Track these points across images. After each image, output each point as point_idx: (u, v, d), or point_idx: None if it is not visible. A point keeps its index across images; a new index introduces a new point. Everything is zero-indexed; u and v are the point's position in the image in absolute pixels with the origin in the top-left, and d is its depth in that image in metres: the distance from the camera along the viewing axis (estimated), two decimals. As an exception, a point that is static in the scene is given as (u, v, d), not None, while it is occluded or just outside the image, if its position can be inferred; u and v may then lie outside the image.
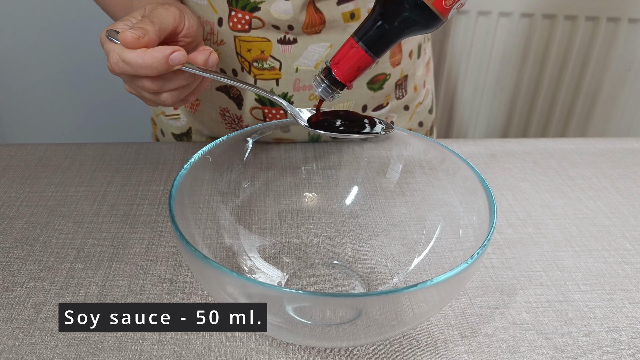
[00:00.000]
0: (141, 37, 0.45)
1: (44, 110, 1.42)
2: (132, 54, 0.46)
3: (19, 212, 0.58)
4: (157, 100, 0.51)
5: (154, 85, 0.49)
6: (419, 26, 0.44)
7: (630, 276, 0.53)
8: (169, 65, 0.46)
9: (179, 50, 0.46)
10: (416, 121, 0.79)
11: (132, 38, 0.45)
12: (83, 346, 0.44)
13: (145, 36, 0.46)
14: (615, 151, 0.74)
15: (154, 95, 0.50)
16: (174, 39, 0.51)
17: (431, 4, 0.42)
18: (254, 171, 0.55)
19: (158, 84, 0.49)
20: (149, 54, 0.45)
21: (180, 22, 0.50)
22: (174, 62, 0.46)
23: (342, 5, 0.61)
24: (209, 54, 0.50)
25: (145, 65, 0.46)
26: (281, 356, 0.44)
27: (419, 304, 0.38)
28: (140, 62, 0.45)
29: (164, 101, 0.51)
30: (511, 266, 0.54)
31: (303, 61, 0.64)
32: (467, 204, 0.47)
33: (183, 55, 0.46)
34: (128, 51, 0.46)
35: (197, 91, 0.54)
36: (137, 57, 0.45)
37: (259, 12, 0.61)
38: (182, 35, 0.51)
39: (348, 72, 0.46)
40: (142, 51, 0.46)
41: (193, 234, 0.44)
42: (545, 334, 0.47)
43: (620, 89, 1.44)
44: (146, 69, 0.46)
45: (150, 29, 0.46)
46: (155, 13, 0.48)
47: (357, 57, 0.45)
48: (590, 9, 1.31)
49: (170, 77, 0.49)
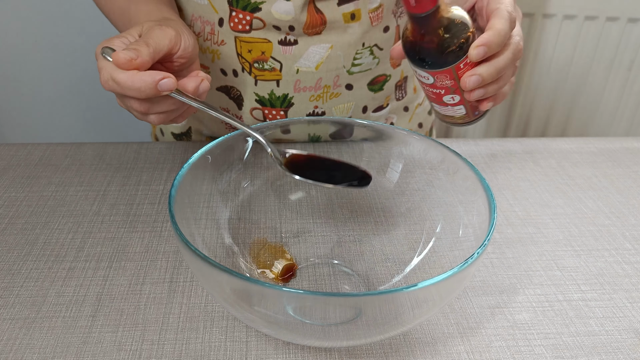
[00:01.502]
0: (134, 59, 0.46)
1: (44, 110, 1.42)
2: (123, 75, 0.46)
3: (18, 211, 0.58)
4: (144, 119, 0.51)
5: (141, 107, 0.49)
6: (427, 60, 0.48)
7: (630, 276, 0.53)
8: (158, 91, 0.46)
9: (168, 77, 0.46)
10: (416, 122, 0.79)
11: (124, 60, 0.45)
12: (83, 346, 0.44)
13: (138, 58, 0.46)
14: (615, 151, 0.74)
15: (142, 115, 0.51)
16: (169, 59, 0.51)
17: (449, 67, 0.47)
18: (254, 171, 0.55)
19: (145, 106, 0.49)
20: (138, 77, 0.45)
21: (176, 44, 0.50)
22: (163, 89, 0.46)
23: (343, 6, 0.61)
24: (200, 81, 0.50)
25: (134, 88, 0.46)
26: (281, 356, 0.44)
27: (418, 303, 0.38)
28: (129, 84, 0.46)
29: (151, 121, 0.51)
30: (511, 266, 0.54)
31: (304, 62, 0.64)
32: (467, 204, 0.47)
33: (172, 83, 0.47)
34: (119, 71, 0.46)
35: (186, 114, 0.54)
36: (127, 79, 0.46)
37: (259, 12, 0.61)
38: (177, 57, 0.51)
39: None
40: (133, 73, 0.46)
41: (193, 233, 0.44)
42: (545, 334, 0.47)
43: (620, 89, 1.44)
44: (134, 92, 0.46)
45: (144, 51, 0.46)
46: (152, 34, 0.48)
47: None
48: (590, 8, 1.31)
49: (159, 100, 0.49)
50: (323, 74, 0.65)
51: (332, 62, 0.65)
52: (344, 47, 0.64)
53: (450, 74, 0.48)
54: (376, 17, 0.64)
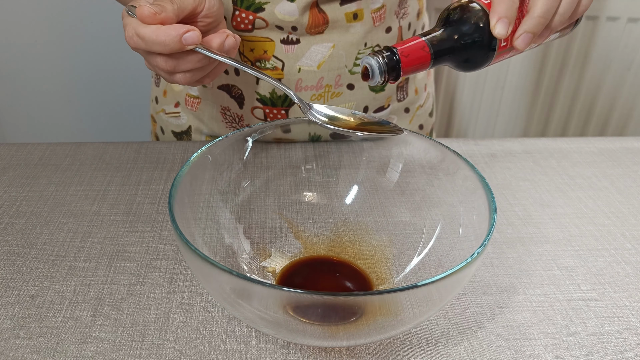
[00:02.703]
0: (158, 13, 0.45)
1: (43, 110, 1.42)
2: (147, 30, 0.46)
3: (18, 211, 0.58)
4: (171, 79, 0.51)
5: (167, 65, 0.48)
6: (470, 65, 0.47)
7: (630, 275, 0.53)
8: (182, 45, 0.46)
9: (193, 30, 0.46)
10: (416, 124, 0.79)
11: (148, 13, 0.45)
12: (83, 345, 0.44)
13: (162, 13, 0.45)
14: (615, 150, 0.74)
15: (168, 75, 0.50)
16: (193, 19, 0.51)
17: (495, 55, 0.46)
18: (254, 170, 0.55)
19: (172, 64, 0.48)
20: (163, 31, 0.45)
21: (201, 3, 0.50)
22: (187, 42, 0.46)
23: (346, 6, 0.61)
24: (226, 37, 0.49)
25: (158, 42, 0.45)
26: (281, 355, 0.44)
27: (418, 303, 0.38)
28: (153, 38, 0.45)
29: (178, 81, 0.51)
30: (511, 265, 0.54)
31: (306, 61, 0.64)
32: (467, 203, 0.47)
33: (197, 36, 0.46)
34: (144, 26, 0.46)
35: (213, 74, 0.53)
36: (152, 33, 0.45)
37: (263, 12, 0.61)
38: (202, 16, 0.51)
39: (409, 69, 0.45)
40: (157, 28, 0.45)
41: (193, 233, 0.44)
42: (545, 333, 0.47)
43: (620, 89, 1.44)
44: (159, 46, 0.46)
45: (168, 7, 0.46)
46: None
47: (422, 62, 0.45)
48: (590, 8, 1.31)
49: (184, 57, 0.48)
50: (325, 74, 0.65)
51: (334, 62, 0.65)
52: (346, 47, 0.64)
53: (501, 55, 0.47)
54: (378, 17, 0.64)
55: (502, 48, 0.46)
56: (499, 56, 0.47)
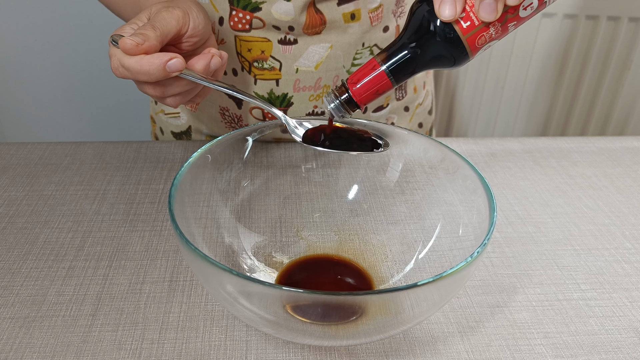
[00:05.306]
0: (140, 43, 0.45)
1: (43, 109, 1.42)
2: (131, 60, 0.46)
3: (18, 210, 0.58)
4: (163, 102, 0.52)
5: (155, 92, 0.49)
6: (447, 61, 0.43)
7: (630, 275, 0.53)
8: (167, 72, 0.46)
9: (176, 58, 0.46)
10: (416, 122, 0.79)
11: (130, 45, 0.45)
12: (83, 345, 0.44)
13: (145, 42, 0.46)
14: (615, 150, 0.74)
15: (159, 100, 0.51)
16: (178, 40, 0.51)
17: (465, 40, 0.41)
18: (254, 170, 0.55)
19: (160, 90, 0.49)
20: (147, 60, 0.46)
21: (184, 24, 0.50)
22: (172, 70, 0.46)
23: (343, 6, 0.61)
24: (211, 57, 0.50)
25: (143, 72, 0.46)
26: (281, 355, 0.44)
27: (418, 302, 0.38)
28: (138, 69, 0.46)
29: (169, 104, 0.51)
30: (511, 265, 0.54)
31: (303, 62, 0.64)
32: (467, 203, 0.47)
33: (180, 63, 0.47)
34: (128, 57, 0.46)
35: (204, 93, 0.54)
36: (135, 63, 0.46)
37: (260, 12, 0.61)
38: (188, 36, 0.51)
39: (365, 94, 0.44)
40: (141, 57, 0.46)
41: (193, 232, 0.44)
42: (545, 333, 0.47)
43: (620, 88, 1.44)
44: (144, 75, 0.46)
45: (151, 35, 0.46)
46: (158, 17, 0.48)
47: (378, 81, 0.44)
48: (590, 7, 1.31)
49: (171, 83, 0.49)
50: (323, 74, 0.65)
51: (331, 62, 0.65)
52: (343, 47, 0.64)
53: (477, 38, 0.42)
54: (376, 17, 0.64)
55: (467, 30, 0.41)
56: (475, 40, 0.41)
